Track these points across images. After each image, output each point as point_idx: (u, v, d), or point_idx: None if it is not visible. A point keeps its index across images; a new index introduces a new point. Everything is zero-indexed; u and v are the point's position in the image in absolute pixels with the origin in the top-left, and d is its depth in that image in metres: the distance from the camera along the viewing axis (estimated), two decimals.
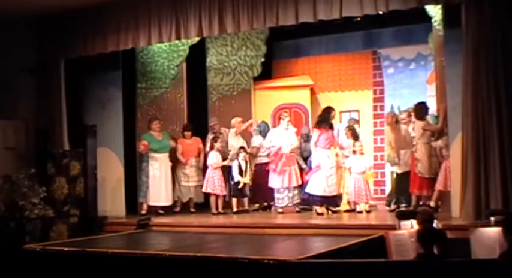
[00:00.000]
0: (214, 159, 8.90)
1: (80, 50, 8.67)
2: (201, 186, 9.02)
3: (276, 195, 8.65)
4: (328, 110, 8.49)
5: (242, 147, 9.00)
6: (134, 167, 9.26)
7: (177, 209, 9.22)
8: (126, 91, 9.32)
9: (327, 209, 8.32)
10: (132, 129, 9.54)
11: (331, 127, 8.39)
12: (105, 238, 7.65)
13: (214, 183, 8.80)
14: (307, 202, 8.51)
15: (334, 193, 8.28)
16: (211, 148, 9.00)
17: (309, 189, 8.26)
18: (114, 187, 9.03)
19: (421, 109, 8.18)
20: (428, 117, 8.17)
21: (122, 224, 8.30)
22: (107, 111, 9.14)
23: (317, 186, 8.17)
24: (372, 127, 10.20)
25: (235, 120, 9.30)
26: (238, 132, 9.21)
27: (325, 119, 8.36)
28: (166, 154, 9.05)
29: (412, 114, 8.30)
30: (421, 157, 7.93)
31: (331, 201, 8.32)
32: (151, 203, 8.92)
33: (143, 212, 8.85)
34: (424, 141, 7.96)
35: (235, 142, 9.14)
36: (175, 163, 9.23)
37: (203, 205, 9.21)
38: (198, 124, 9.92)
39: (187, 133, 9.31)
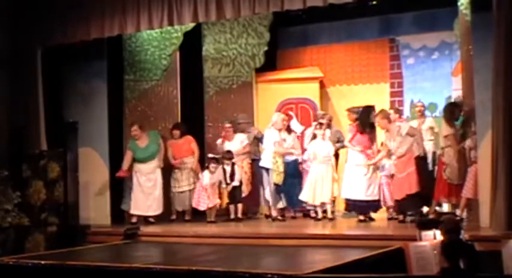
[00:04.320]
0: (206, 179, 8.85)
1: (59, 37, 8.61)
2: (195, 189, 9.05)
3: None
4: (368, 110, 8.55)
5: (229, 151, 9.01)
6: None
7: (173, 217, 9.23)
8: (111, 84, 9.30)
9: (367, 217, 8.41)
10: (119, 126, 9.51)
11: (371, 128, 8.44)
12: (88, 249, 7.63)
13: (199, 198, 8.84)
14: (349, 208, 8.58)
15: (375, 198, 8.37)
16: (207, 167, 8.93)
17: (347, 194, 8.37)
18: (98, 192, 9.01)
19: (451, 111, 8.12)
20: None
21: (106, 234, 8.30)
22: (90, 107, 9.12)
23: (357, 190, 8.28)
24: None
25: (278, 116, 9.02)
26: (283, 129, 8.93)
27: (363, 121, 8.44)
28: (155, 160, 9.01)
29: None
30: (450, 161, 7.87)
31: (371, 207, 8.38)
32: (133, 211, 8.92)
33: (133, 220, 8.83)
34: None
35: (272, 140, 8.85)
36: (169, 166, 9.22)
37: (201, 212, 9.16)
38: (193, 121, 9.91)
39: (176, 132, 9.27)
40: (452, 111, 8.14)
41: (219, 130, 9.77)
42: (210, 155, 9.24)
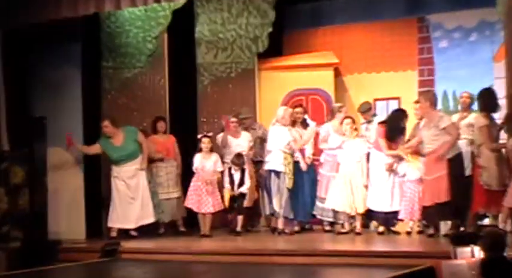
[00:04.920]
0: (197, 162, 8.85)
1: (24, 16, 8.56)
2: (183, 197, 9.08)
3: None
4: (399, 115, 8.66)
5: (239, 155, 8.95)
6: (98, 173, 9.27)
7: (161, 230, 9.24)
8: (86, 72, 9.34)
9: (388, 229, 8.60)
10: (95, 122, 9.43)
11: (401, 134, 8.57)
12: (59, 269, 7.63)
13: (192, 197, 8.80)
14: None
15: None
16: (200, 149, 8.92)
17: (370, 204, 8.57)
18: (70, 201, 9.06)
19: (484, 97, 8.07)
20: None
21: (81, 251, 8.31)
22: (61, 99, 9.14)
23: (380, 200, 8.50)
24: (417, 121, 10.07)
25: (285, 111, 8.91)
26: (297, 124, 8.92)
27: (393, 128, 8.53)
28: (135, 161, 8.93)
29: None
30: (487, 164, 7.82)
31: (391, 218, 8.57)
32: (116, 225, 8.91)
33: (112, 234, 8.85)
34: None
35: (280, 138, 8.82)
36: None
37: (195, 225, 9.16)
38: (184, 116, 9.96)
39: (162, 125, 9.27)
40: (487, 97, 8.05)
41: (215, 127, 9.75)
42: (200, 135, 9.17)
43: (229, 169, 8.87)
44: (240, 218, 8.89)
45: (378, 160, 8.53)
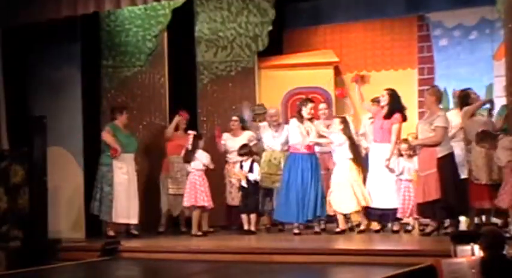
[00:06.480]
0: (204, 159, 8.85)
1: (23, 15, 8.54)
2: None
3: None
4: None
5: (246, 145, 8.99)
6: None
7: (161, 229, 9.26)
8: (86, 71, 9.31)
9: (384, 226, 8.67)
10: (95, 121, 9.49)
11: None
12: (59, 268, 7.64)
13: (196, 192, 8.77)
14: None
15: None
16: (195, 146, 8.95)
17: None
18: (70, 200, 9.04)
19: (463, 98, 8.32)
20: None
21: (81, 250, 8.30)
22: (60, 98, 9.13)
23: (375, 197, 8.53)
24: (418, 119, 10.06)
25: (274, 111, 9.16)
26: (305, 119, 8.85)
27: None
28: (133, 156, 9.09)
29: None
30: (476, 159, 7.90)
31: (389, 215, 8.57)
32: (119, 220, 8.92)
33: (110, 233, 8.84)
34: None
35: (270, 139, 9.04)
36: (158, 165, 9.24)
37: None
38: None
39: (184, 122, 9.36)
40: (463, 97, 8.30)
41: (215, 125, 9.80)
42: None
43: (240, 162, 8.89)
44: (252, 216, 8.84)
45: (376, 157, 8.50)
